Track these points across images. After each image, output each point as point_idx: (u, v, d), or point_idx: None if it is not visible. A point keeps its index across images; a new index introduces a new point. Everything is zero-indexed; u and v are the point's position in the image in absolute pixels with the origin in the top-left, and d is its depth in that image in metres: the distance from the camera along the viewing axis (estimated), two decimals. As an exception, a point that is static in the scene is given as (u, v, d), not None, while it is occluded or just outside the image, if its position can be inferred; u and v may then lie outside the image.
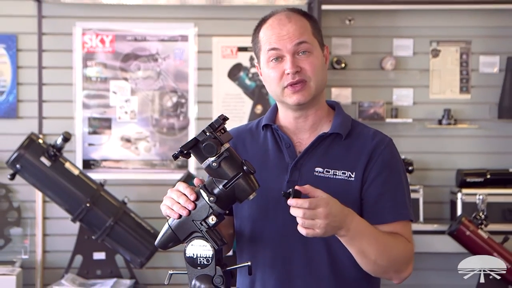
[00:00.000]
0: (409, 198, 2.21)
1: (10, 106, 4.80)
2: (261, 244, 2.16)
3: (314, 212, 1.94)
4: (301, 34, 2.15)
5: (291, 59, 2.13)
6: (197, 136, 1.93)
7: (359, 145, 2.19)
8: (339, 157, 2.17)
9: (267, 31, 2.17)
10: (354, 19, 4.88)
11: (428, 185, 4.81)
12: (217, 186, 1.92)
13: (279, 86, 2.16)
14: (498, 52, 4.90)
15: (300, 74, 2.14)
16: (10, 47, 4.80)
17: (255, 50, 2.22)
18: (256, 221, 2.18)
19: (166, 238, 1.97)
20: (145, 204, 4.75)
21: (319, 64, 2.17)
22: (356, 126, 2.24)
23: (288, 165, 2.18)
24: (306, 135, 2.22)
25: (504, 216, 4.58)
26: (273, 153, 2.21)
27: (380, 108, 4.83)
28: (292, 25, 2.15)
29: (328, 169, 2.16)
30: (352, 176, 2.15)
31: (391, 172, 2.17)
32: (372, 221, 2.14)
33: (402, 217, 2.17)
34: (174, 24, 4.85)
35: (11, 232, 4.78)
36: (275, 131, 2.24)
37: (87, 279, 4.50)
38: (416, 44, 4.92)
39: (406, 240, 2.16)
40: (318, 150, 2.19)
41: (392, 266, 2.14)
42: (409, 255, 2.17)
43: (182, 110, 4.85)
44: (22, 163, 4.21)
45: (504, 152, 4.90)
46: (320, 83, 2.18)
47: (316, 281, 2.13)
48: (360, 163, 2.16)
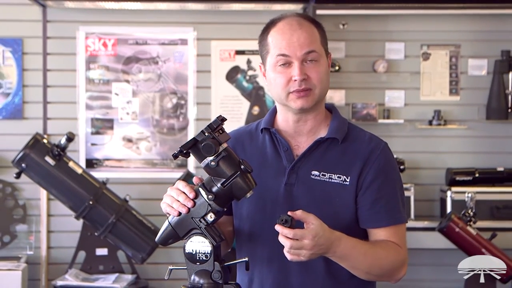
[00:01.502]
0: (402, 201, 2.20)
1: (16, 107, 4.79)
2: (259, 242, 2.15)
3: (300, 243, 1.93)
4: (311, 43, 2.12)
5: (299, 66, 2.10)
6: (196, 136, 1.92)
7: (355, 149, 2.17)
8: (335, 161, 2.15)
9: (277, 35, 2.13)
10: (348, 23, 4.87)
11: (419, 184, 4.80)
12: (215, 185, 1.92)
13: (284, 91, 2.12)
14: (486, 55, 4.90)
15: (306, 82, 2.11)
16: (16, 51, 4.78)
17: (262, 52, 2.17)
18: (254, 221, 2.17)
19: (166, 234, 1.96)
20: (146, 201, 4.74)
21: (324, 72, 2.16)
22: (352, 130, 2.22)
23: (285, 168, 2.16)
24: (304, 138, 2.20)
25: (492, 213, 4.57)
26: (271, 156, 2.19)
27: (372, 109, 4.82)
28: (303, 32, 2.12)
29: (324, 172, 2.14)
30: (347, 181, 2.13)
31: (385, 178, 2.15)
32: (367, 226, 2.15)
33: (396, 222, 2.16)
34: (174, 28, 4.84)
35: (17, 229, 4.77)
36: (273, 134, 2.21)
37: (90, 274, 4.49)
38: (407, 48, 4.91)
39: (397, 246, 2.15)
40: (315, 154, 2.17)
41: (385, 274, 2.15)
42: (401, 261, 2.17)
43: (182, 111, 4.84)
44: (28, 162, 4.19)
45: (492, 151, 4.89)
46: (324, 90, 2.16)
47: (311, 278, 2.13)
48: (355, 167, 2.14)
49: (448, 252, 4.64)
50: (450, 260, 4.71)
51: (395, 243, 2.15)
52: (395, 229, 2.15)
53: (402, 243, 2.17)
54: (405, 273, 2.19)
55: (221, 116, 1.92)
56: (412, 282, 4.74)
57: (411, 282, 4.73)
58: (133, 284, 4.41)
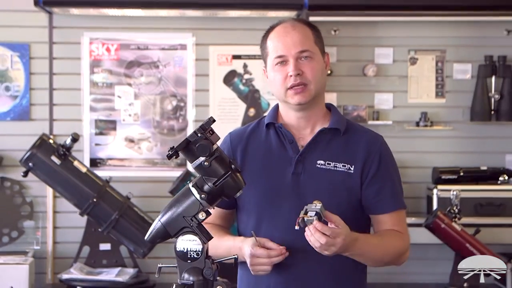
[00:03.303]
0: (401, 188, 2.27)
1: (23, 109, 4.75)
2: (268, 230, 2.17)
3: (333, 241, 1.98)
4: (303, 43, 2.16)
5: (294, 63, 2.15)
6: (189, 137, 1.90)
7: (356, 140, 2.21)
8: (338, 151, 2.19)
9: (274, 38, 2.19)
10: (339, 29, 4.85)
11: (406, 182, 4.75)
12: (206, 184, 1.88)
13: (282, 87, 2.17)
14: (470, 60, 4.88)
15: (301, 77, 2.15)
16: (23, 55, 4.75)
17: (263, 55, 2.24)
18: (262, 210, 2.18)
19: (157, 233, 1.93)
20: (147, 199, 4.71)
21: (319, 68, 2.18)
22: (352, 125, 2.27)
23: (291, 159, 2.18)
24: (308, 130, 2.23)
25: (476, 210, 4.54)
26: (276, 148, 2.21)
27: (362, 111, 4.79)
28: (296, 32, 2.17)
29: (329, 161, 2.17)
30: (352, 169, 2.16)
31: (387, 167, 2.21)
32: (374, 212, 2.21)
33: (399, 206, 2.22)
34: (174, 34, 4.81)
35: (24, 225, 4.74)
36: (278, 128, 2.24)
37: (93, 268, 4.47)
38: (396, 53, 4.88)
39: (401, 234, 2.21)
40: (320, 144, 2.19)
41: (392, 260, 2.23)
42: (405, 246, 2.25)
43: (181, 113, 4.80)
44: (34, 161, 4.17)
45: (476, 151, 4.87)
46: (319, 86, 2.19)
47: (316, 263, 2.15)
48: (358, 157, 2.18)
49: (434, 247, 4.63)
50: (436, 255, 4.71)
51: (399, 230, 2.21)
52: (398, 215, 2.22)
53: (405, 229, 2.25)
54: (408, 256, 2.27)
55: (212, 117, 1.92)
56: (400, 275, 4.73)
57: (399, 275, 4.72)
58: (134, 278, 4.39)
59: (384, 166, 2.19)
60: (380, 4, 4.61)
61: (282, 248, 2.09)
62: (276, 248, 2.08)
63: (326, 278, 2.15)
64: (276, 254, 2.08)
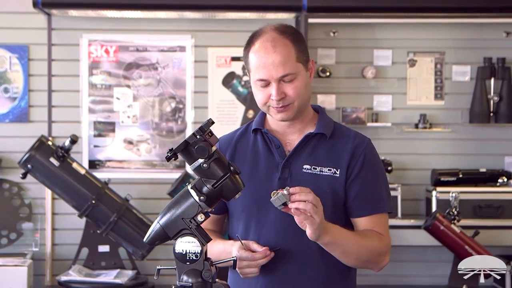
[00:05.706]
0: (386, 191, 2.22)
1: (22, 111, 4.74)
2: (255, 234, 2.16)
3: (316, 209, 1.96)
4: (285, 66, 2.10)
5: (277, 87, 2.11)
6: (188, 139, 1.89)
7: (342, 144, 2.19)
8: (324, 155, 2.17)
9: (254, 57, 2.14)
10: (338, 31, 4.84)
11: (406, 184, 4.76)
12: (205, 186, 1.87)
13: (265, 106, 2.16)
14: (469, 62, 4.87)
15: (284, 100, 2.12)
16: (22, 57, 4.74)
17: (246, 66, 2.21)
18: (250, 215, 2.17)
19: (156, 235, 1.91)
20: (146, 201, 4.70)
21: (303, 86, 2.14)
22: (338, 128, 2.24)
23: (278, 164, 2.17)
24: (294, 136, 2.21)
25: (475, 212, 4.53)
26: (263, 154, 2.20)
27: (361, 113, 4.78)
28: (277, 55, 2.10)
29: (315, 166, 2.16)
30: (337, 173, 2.15)
31: (370, 170, 2.17)
32: (352, 215, 2.17)
33: (379, 211, 2.17)
34: (173, 36, 4.80)
35: (23, 227, 4.72)
36: (265, 134, 2.23)
37: (92, 270, 4.46)
38: (395, 55, 4.87)
39: (380, 234, 2.16)
40: (306, 149, 2.18)
41: (371, 260, 2.16)
42: (385, 247, 2.18)
43: (180, 115, 4.79)
44: (33, 163, 4.16)
45: (475, 153, 4.86)
46: (303, 101, 2.17)
47: (304, 266, 2.14)
48: (343, 161, 2.16)
49: (433, 249, 4.62)
50: (435, 257, 4.70)
51: (378, 232, 2.16)
52: (378, 218, 2.17)
53: (385, 232, 2.19)
54: (388, 261, 2.20)
55: (211, 119, 1.90)
56: (399, 277, 4.72)
57: (398, 277, 4.71)
58: (133, 279, 4.38)
59: (367, 168, 2.15)
60: (379, 6, 4.60)
61: (266, 249, 2.07)
62: (260, 250, 2.08)
63: (313, 280, 2.14)
64: (261, 256, 2.07)
